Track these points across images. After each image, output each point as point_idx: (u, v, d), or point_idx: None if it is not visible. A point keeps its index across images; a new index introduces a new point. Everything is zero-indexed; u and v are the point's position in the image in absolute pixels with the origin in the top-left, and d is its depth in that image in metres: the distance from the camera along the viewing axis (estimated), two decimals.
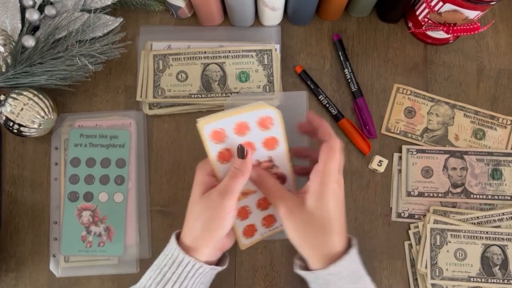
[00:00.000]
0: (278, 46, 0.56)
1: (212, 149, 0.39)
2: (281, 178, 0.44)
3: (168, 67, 0.54)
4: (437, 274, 0.51)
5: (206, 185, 0.41)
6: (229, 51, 0.55)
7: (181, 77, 0.54)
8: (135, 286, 0.42)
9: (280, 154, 0.41)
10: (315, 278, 0.40)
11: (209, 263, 0.42)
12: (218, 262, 0.45)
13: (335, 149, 0.39)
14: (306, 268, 0.42)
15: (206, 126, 0.38)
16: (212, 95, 0.54)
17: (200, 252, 0.41)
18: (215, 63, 0.55)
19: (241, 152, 0.39)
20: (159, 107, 0.54)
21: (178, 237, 0.43)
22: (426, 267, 0.51)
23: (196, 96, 0.54)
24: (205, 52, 0.55)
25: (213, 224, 0.40)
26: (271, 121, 0.38)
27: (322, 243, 0.39)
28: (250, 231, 0.46)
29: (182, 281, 0.40)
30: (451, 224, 0.52)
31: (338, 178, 0.40)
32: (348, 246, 0.41)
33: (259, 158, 0.42)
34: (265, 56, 0.55)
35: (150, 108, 0.54)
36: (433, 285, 0.51)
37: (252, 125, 0.38)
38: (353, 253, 0.40)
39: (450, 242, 0.52)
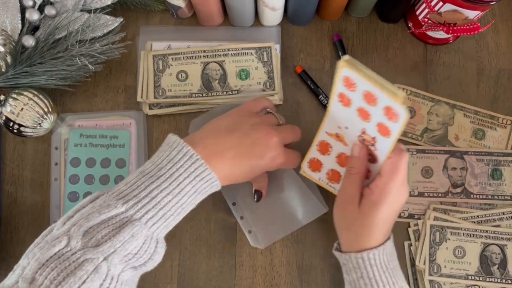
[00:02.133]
0: (278, 46, 0.56)
1: (338, 87, 0.41)
2: (373, 158, 0.45)
3: (168, 67, 0.54)
4: (435, 270, 0.51)
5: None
6: (229, 49, 0.55)
7: (181, 77, 0.54)
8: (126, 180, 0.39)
9: (384, 144, 0.41)
10: (346, 260, 0.43)
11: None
12: None
13: (398, 167, 0.40)
14: (340, 250, 0.44)
15: (344, 70, 0.38)
16: (212, 94, 0.54)
17: (216, 167, 0.40)
18: (215, 62, 0.55)
19: (257, 196, 0.47)
20: (159, 107, 0.54)
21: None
22: (424, 264, 0.51)
23: (196, 95, 0.54)
24: (204, 51, 0.55)
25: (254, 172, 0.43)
26: (396, 117, 0.37)
27: (358, 241, 0.42)
28: (316, 165, 0.48)
29: (186, 184, 0.39)
30: (451, 221, 0.52)
31: (397, 191, 0.41)
32: (387, 239, 0.43)
33: (367, 129, 0.42)
34: (265, 53, 0.55)
35: (150, 108, 0.54)
36: (430, 281, 0.51)
37: (379, 105, 0.38)
38: (388, 245, 0.42)
39: (449, 239, 0.52)
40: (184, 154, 0.39)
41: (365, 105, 0.40)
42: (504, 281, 0.51)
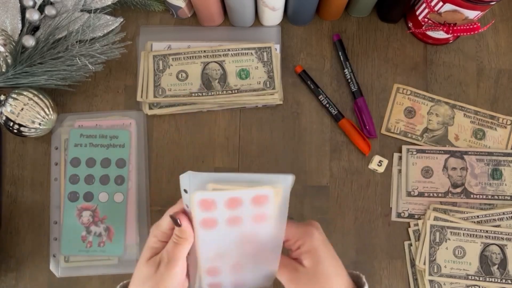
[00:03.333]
0: (278, 46, 0.56)
1: (197, 215, 0.38)
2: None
3: (168, 67, 0.54)
4: (435, 270, 0.51)
5: (155, 250, 0.40)
6: (229, 50, 0.55)
7: (181, 77, 0.54)
8: None
9: (267, 229, 0.39)
10: None
11: None
12: None
13: (310, 232, 0.39)
14: None
15: (199, 194, 0.36)
16: (212, 93, 0.54)
17: None
18: (215, 62, 0.55)
19: (175, 221, 0.38)
20: (159, 107, 0.54)
21: None
22: (424, 264, 0.51)
23: (196, 94, 0.54)
24: (204, 51, 0.55)
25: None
26: (266, 199, 0.37)
27: None
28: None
29: None
30: (451, 221, 0.52)
31: (309, 225, 0.40)
32: (358, 285, 0.40)
33: (244, 231, 0.40)
34: (265, 54, 0.55)
35: (150, 108, 0.54)
36: (431, 281, 0.51)
37: (245, 203, 0.37)
38: None
39: (449, 239, 0.52)
40: None
41: (231, 213, 0.38)
42: (504, 281, 0.51)
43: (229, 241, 0.40)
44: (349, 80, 0.55)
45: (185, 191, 0.37)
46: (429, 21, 0.52)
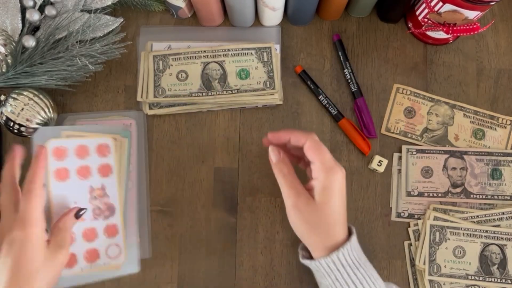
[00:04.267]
0: (278, 46, 0.56)
1: (51, 165, 0.41)
2: (110, 209, 0.46)
3: (168, 67, 0.54)
4: (435, 270, 0.51)
5: None
6: (229, 50, 0.55)
7: (182, 77, 0.54)
8: None
9: (112, 182, 0.43)
10: (318, 266, 0.41)
11: None
12: None
13: (319, 143, 0.41)
14: (309, 257, 0.43)
15: (52, 142, 0.40)
16: (212, 93, 0.54)
17: None
18: (215, 62, 0.55)
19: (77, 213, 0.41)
20: (159, 107, 0.54)
21: None
22: (424, 263, 0.51)
23: (196, 94, 0.54)
24: (204, 51, 0.55)
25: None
26: (108, 149, 0.41)
27: (327, 235, 0.41)
28: (71, 261, 0.44)
29: None
30: (451, 221, 0.52)
31: (339, 167, 0.41)
32: (349, 233, 0.42)
33: (93, 184, 0.43)
34: (265, 54, 0.55)
35: (150, 108, 0.54)
36: (430, 281, 0.51)
37: (92, 152, 0.42)
38: (353, 241, 0.41)
39: (449, 239, 0.52)
40: None
41: (81, 162, 0.42)
42: (504, 281, 0.51)
43: (81, 196, 0.44)
44: (349, 80, 0.55)
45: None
46: (429, 21, 0.52)
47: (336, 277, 0.40)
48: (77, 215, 0.43)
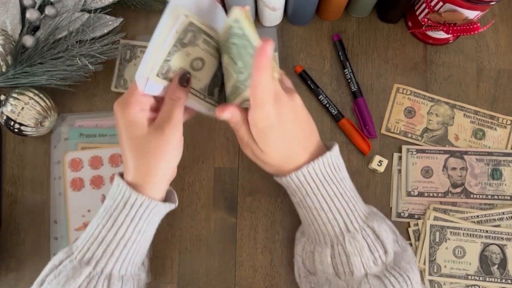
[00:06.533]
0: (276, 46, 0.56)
1: (68, 175, 0.47)
2: None
3: (135, 58, 0.56)
4: (435, 270, 0.51)
5: (147, 117, 0.39)
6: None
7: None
8: (83, 234, 0.39)
9: None
10: (287, 182, 0.40)
11: (160, 199, 0.40)
12: (166, 198, 0.43)
13: (261, 53, 0.33)
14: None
15: (69, 154, 0.47)
16: None
17: (150, 187, 0.39)
18: None
19: (182, 78, 0.37)
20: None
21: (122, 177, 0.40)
22: (424, 263, 0.51)
23: None
24: None
25: (159, 158, 0.38)
26: (121, 158, 0.43)
27: (290, 161, 0.39)
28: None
29: (136, 223, 0.38)
30: (451, 221, 0.52)
31: (276, 92, 0.37)
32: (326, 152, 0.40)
33: (105, 193, 0.47)
34: None
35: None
36: (431, 281, 0.51)
37: (104, 161, 0.46)
38: (328, 157, 0.39)
39: (449, 239, 0.52)
40: (126, 204, 0.38)
41: (94, 172, 0.46)
42: (504, 281, 0.51)
43: (94, 205, 0.47)
44: (349, 80, 0.55)
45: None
46: (429, 21, 0.52)
47: (307, 192, 0.39)
48: (182, 81, 0.38)
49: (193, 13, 0.38)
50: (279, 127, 0.38)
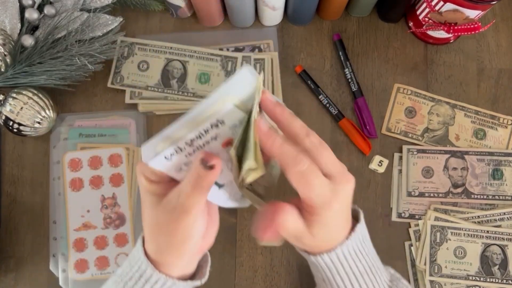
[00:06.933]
0: (272, 42, 0.56)
1: (67, 175, 0.48)
2: (121, 218, 0.48)
3: (132, 55, 0.55)
4: (436, 271, 0.51)
5: (157, 192, 0.34)
6: (195, 51, 0.55)
7: (142, 67, 0.55)
8: None
9: (123, 192, 0.46)
10: (317, 261, 0.36)
11: (184, 276, 0.36)
12: (195, 272, 0.39)
13: (305, 173, 0.32)
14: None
15: (69, 154, 0.46)
16: (168, 91, 0.54)
17: (171, 266, 0.35)
18: (178, 60, 0.55)
19: (205, 164, 0.32)
20: (140, 98, 0.54)
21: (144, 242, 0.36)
22: (425, 264, 0.51)
23: (152, 89, 0.54)
24: (171, 48, 0.55)
25: (179, 236, 0.33)
26: (120, 159, 0.42)
27: (323, 245, 0.36)
28: (82, 266, 0.49)
29: None
30: (452, 221, 0.52)
31: (327, 194, 0.33)
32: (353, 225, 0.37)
33: (104, 193, 0.47)
34: (229, 63, 0.54)
35: (130, 98, 0.54)
36: (431, 282, 0.51)
37: (104, 161, 0.45)
38: (357, 233, 0.36)
39: (450, 239, 0.52)
40: (141, 277, 0.34)
41: (93, 172, 0.46)
42: (504, 281, 0.51)
43: (93, 205, 0.48)
44: (350, 80, 0.55)
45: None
46: (430, 21, 0.52)
47: (338, 271, 0.36)
48: (205, 163, 0.32)
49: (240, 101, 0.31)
50: (339, 207, 0.34)
